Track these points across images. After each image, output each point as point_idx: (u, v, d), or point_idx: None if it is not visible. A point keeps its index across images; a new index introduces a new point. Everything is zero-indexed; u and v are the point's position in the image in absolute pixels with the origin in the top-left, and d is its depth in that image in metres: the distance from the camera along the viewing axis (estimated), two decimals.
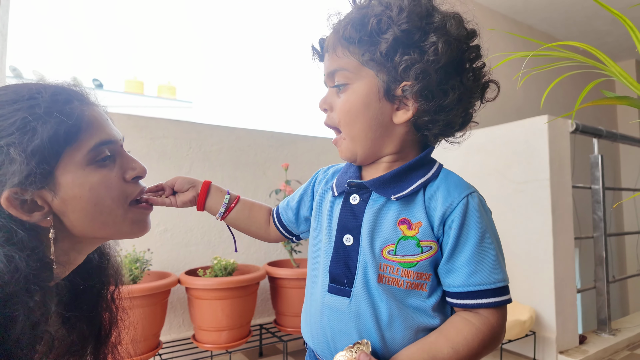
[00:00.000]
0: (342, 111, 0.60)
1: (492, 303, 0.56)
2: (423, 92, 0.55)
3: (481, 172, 2.24)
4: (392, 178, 0.60)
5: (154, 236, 1.92)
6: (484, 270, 0.56)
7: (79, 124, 0.58)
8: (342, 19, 0.61)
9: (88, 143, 0.59)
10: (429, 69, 0.54)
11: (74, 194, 0.57)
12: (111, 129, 0.64)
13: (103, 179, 0.59)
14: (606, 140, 2.31)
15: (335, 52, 0.60)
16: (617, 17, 0.63)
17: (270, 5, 2.77)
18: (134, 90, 2.41)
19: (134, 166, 0.65)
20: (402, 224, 0.58)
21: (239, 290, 1.70)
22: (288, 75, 2.69)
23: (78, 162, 0.57)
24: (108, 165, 0.61)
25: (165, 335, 1.87)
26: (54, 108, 0.57)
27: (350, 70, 0.59)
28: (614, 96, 0.54)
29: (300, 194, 0.78)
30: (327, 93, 0.63)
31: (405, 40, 0.55)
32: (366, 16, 0.56)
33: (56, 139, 0.55)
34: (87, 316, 0.71)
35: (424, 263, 0.57)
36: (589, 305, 3.38)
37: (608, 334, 2.13)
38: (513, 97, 3.74)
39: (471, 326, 0.56)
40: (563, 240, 1.97)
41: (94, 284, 0.72)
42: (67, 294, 0.67)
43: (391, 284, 0.57)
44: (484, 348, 0.56)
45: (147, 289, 1.53)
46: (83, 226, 0.59)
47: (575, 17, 3.90)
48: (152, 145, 1.95)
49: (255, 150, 2.25)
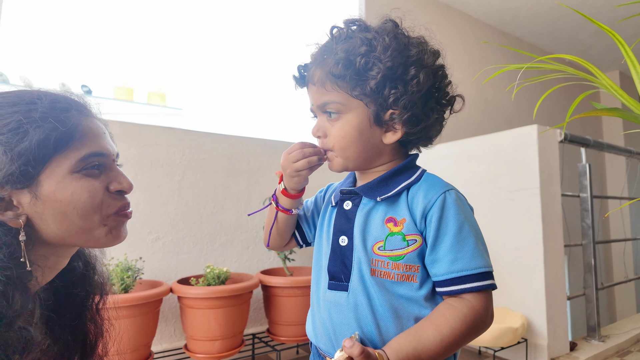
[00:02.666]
0: (337, 138, 0.67)
1: (474, 287, 0.60)
2: (410, 118, 0.64)
3: (472, 181, 2.26)
4: (378, 183, 0.68)
5: (145, 244, 1.90)
6: (464, 257, 0.61)
7: (72, 132, 0.59)
8: (325, 53, 0.66)
9: (78, 152, 0.59)
10: (414, 98, 0.63)
11: (55, 197, 0.58)
12: (106, 142, 0.65)
13: (86, 186, 0.60)
14: (593, 150, 2.36)
15: (324, 86, 0.65)
16: (606, 31, 0.65)
17: (261, 12, 2.79)
18: (123, 97, 2.39)
19: (121, 180, 0.65)
20: (389, 222, 0.65)
21: (232, 299, 1.68)
22: (280, 83, 2.70)
23: (65, 169, 0.58)
24: (95, 175, 0.62)
25: (156, 345, 1.84)
26: (50, 114, 0.58)
27: (341, 102, 0.65)
28: (605, 108, 0.56)
29: (313, 201, 0.85)
30: (319, 121, 0.69)
31: (390, 75, 0.62)
32: (351, 54, 0.62)
33: (45, 144, 0.56)
34: (71, 326, 0.71)
35: (411, 255, 0.63)
36: (577, 313, 3.42)
37: (598, 340, 2.16)
38: (503, 107, 3.81)
39: (454, 310, 0.60)
40: (553, 247, 2.00)
41: (77, 292, 0.72)
42: (51, 301, 0.67)
43: (383, 276, 0.63)
44: (469, 330, 0.60)
45: (138, 298, 1.51)
46: (60, 229, 0.59)
47: (561, 30, 4.01)
48: (144, 153, 1.93)
49: (248, 157, 2.24)
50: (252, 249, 2.20)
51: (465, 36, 3.59)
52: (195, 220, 2.05)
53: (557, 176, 2.07)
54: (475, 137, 2.32)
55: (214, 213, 2.10)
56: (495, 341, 1.84)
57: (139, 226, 1.89)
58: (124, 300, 1.48)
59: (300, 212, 0.83)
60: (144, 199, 1.91)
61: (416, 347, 0.58)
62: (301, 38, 2.69)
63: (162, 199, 1.96)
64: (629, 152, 2.60)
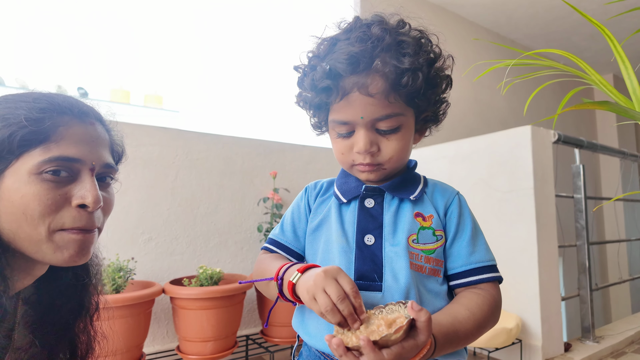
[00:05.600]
0: (395, 152, 0.64)
1: (492, 277, 0.66)
2: (438, 120, 0.70)
3: (466, 182, 2.27)
4: (402, 182, 0.70)
5: (137, 245, 1.88)
6: (480, 251, 0.67)
7: (46, 132, 0.57)
8: (379, 60, 0.60)
9: (45, 154, 0.56)
10: (444, 106, 0.69)
11: (8, 196, 0.56)
12: (90, 149, 0.60)
13: (38, 192, 0.56)
14: (587, 151, 2.37)
15: (387, 98, 0.61)
16: (596, 25, 0.65)
17: (256, 15, 2.79)
18: (120, 99, 2.38)
19: (84, 195, 0.58)
20: (418, 216, 0.67)
21: (225, 299, 1.67)
22: (275, 84, 2.70)
23: (27, 168, 0.56)
24: (58, 181, 0.57)
25: (148, 347, 1.82)
26: (24, 113, 0.57)
27: (403, 113, 0.63)
28: (594, 102, 0.56)
29: (290, 215, 0.78)
30: (369, 135, 0.63)
31: (437, 88, 0.65)
32: (417, 63, 0.61)
33: (10, 140, 0.55)
34: (60, 336, 0.69)
35: (439, 250, 0.66)
36: (572, 313, 3.42)
37: (592, 341, 2.16)
38: (497, 108, 3.82)
39: (479, 295, 0.65)
40: (547, 248, 2.00)
41: (63, 303, 0.69)
42: (35, 306, 0.65)
43: (418, 270, 0.65)
44: (492, 314, 0.65)
45: (130, 298, 1.50)
46: (11, 231, 0.57)
47: (555, 33, 4.04)
48: (137, 153, 1.92)
49: (242, 158, 2.24)
50: (246, 249, 2.19)
51: (460, 38, 3.60)
52: (188, 220, 2.03)
53: (551, 177, 2.07)
54: (469, 138, 2.32)
55: (207, 213, 2.09)
56: (490, 342, 1.83)
57: (132, 226, 1.88)
58: (115, 300, 1.46)
59: (276, 233, 0.78)
60: (136, 199, 1.90)
61: (454, 323, 0.60)
62: (295, 39, 2.69)
63: (155, 199, 1.95)
64: (623, 153, 2.61)
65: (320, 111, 0.68)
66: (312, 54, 0.68)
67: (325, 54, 0.64)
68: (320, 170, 2.51)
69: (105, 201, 0.64)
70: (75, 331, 0.72)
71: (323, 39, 0.66)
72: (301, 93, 0.70)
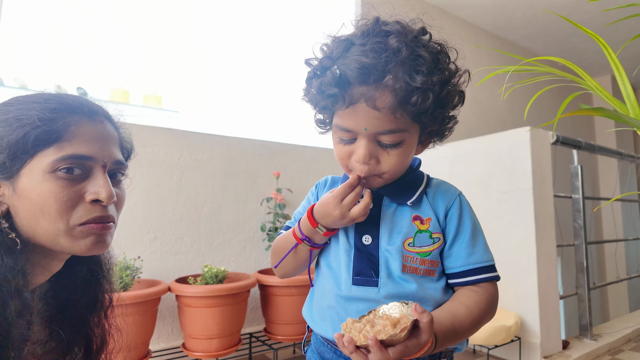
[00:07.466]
0: (394, 165, 0.65)
1: (489, 277, 0.69)
2: (443, 136, 0.70)
3: (466, 182, 2.30)
4: (401, 186, 0.71)
5: (143, 244, 1.91)
6: (479, 252, 0.69)
7: (58, 132, 0.59)
8: (389, 74, 0.59)
9: (59, 152, 0.58)
10: (452, 124, 0.69)
11: (26, 195, 0.58)
12: (102, 147, 0.62)
13: (54, 189, 0.58)
14: (585, 152, 2.41)
15: (393, 113, 0.60)
16: (592, 36, 0.68)
17: (258, 14, 2.81)
18: (119, 99, 2.38)
19: (98, 190, 0.60)
20: (416, 219, 0.69)
21: (230, 297, 1.70)
22: (277, 84, 2.72)
23: (41, 167, 0.58)
24: (73, 179, 0.59)
25: (154, 344, 1.85)
26: (37, 113, 0.59)
27: (408, 130, 0.63)
28: (590, 108, 0.59)
29: (303, 209, 0.80)
30: (369, 146, 0.63)
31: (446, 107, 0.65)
32: (429, 82, 0.59)
33: (25, 140, 0.57)
34: (75, 330, 0.71)
35: (435, 252, 0.68)
36: (570, 312, 3.46)
37: (590, 339, 2.19)
38: (496, 110, 3.86)
39: (477, 294, 0.68)
40: (545, 247, 2.03)
41: (78, 298, 0.71)
42: (51, 302, 0.67)
43: (412, 272, 0.67)
44: (489, 311, 0.68)
45: (137, 296, 1.52)
46: (30, 228, 0.59)
47: (554, 35, 4.07)
48: (143, 153, 1.95)
49: (246, 158, 2.27)
50: (249, 249, 2.22)
51: (460, 40, 3.63)
52: (193, 220, 2.06)
53: (550, 177, 2.11)
54: (469, 139, 2.36)
55: (211, 213, 2.12)
56: (489, 339, 1.87)
57: (138, 226, 1.91)
58: (122, 298, 1.49)
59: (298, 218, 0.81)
60: (142, 199, 1.93)
61: (453, 322, 0.63)
62: (296, 39, 2.71)
63: (160, 199, 1.98)
64: (620, 154, 2.65)
65: (325, 111, 0.69)
66: (324, 51, 0.66)
67: (337, 56, 0.62)
68: (323, 170, 2.54)
69: (118, 196, 0.66)
70: (90, 325, 0.74)
71: (338, 37, 0.65)
72: (309, 89, 0.68)
